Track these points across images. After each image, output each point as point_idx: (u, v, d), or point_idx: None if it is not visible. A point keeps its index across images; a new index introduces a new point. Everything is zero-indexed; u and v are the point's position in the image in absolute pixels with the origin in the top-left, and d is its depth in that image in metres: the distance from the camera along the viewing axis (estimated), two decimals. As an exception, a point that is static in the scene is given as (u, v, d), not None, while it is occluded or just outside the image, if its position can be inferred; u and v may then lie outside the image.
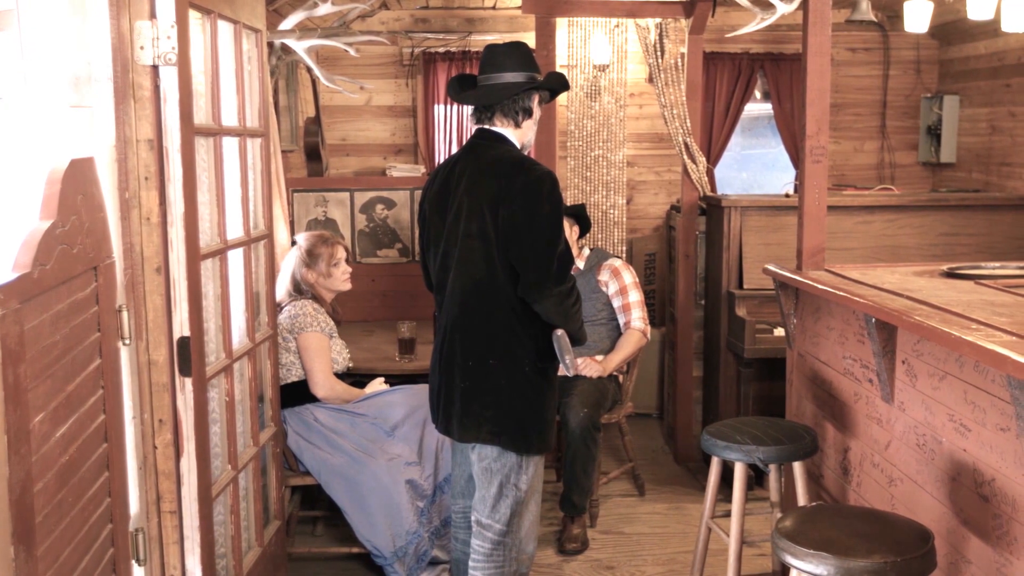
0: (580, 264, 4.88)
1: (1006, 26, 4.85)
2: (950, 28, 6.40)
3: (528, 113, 3.25)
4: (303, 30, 4.90)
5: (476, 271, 3.12)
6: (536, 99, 3.27)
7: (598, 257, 4.93)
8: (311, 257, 4.26)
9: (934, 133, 6.64)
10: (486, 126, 3.25)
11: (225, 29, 3.28)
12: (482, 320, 3.14)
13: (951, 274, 3.54)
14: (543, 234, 3.06)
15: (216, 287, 3.19)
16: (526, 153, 3.29)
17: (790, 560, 2.50)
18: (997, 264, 3.71)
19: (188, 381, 2.86)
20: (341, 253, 4.34)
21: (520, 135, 3.26)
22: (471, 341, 3.16)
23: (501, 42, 3.34)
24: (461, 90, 3.30)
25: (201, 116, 3.05)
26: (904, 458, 3.15)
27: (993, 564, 2.66)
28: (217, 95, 3.15)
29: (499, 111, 3.22)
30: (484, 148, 3.22)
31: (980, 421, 2.71)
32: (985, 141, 6.27)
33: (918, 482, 3.06)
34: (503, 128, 3.23)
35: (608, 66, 5.91)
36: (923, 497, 3.03)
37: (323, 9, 4.73)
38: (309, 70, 5.29)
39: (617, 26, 5.90)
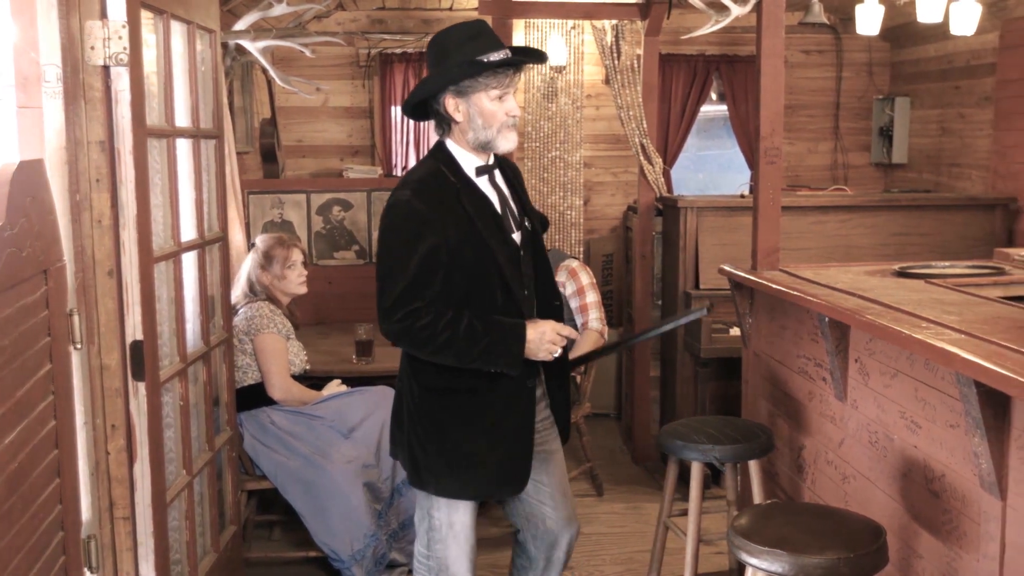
0: (538, 265, 4.88)
1: (955, 29, 4.93)
2: (901, 31, 6.50)
3: (445, 120, 2.84)
4: (258, 31, 4.86)
5: None
6: (446, 101, 2.80)
7: (555, 258, 4.94)
8: (266, 259, 4.24)
9: (886, 134, 6.74)
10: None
11: (178, 29, 3.24)
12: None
13: (902, 273, 3.60)
14: (378, 262, 2.84)
15: (170, 290, 3.16)
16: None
17: (746, 558, 2.52)
18: (947, 263, 3.77)
19: (141, 385, 2.83)
20: (297, 256, 4.31)
21: (460, 138, 2.85)
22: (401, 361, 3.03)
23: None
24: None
25: (154, 117, 3.01)
26: (857, 455, 3.20)
27: (943, 558, 2.70)
28: (170, 96, 3.12)
29: (434, 123, 2.91)
30: None
31: (930, 418, 2.75)
32: (935, 142, 6.37)
33: (871, 479, 3.10)
34: (445, 137, 2.90)
35: (565, 68, 5.92)
36: (876, 494, 3.07)
37: (278, 10, 4.70)
38: (264, 71, 5.25)
39: (574, 27, 5.92)
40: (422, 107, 2.89)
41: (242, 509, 4.10)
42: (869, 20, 5.33)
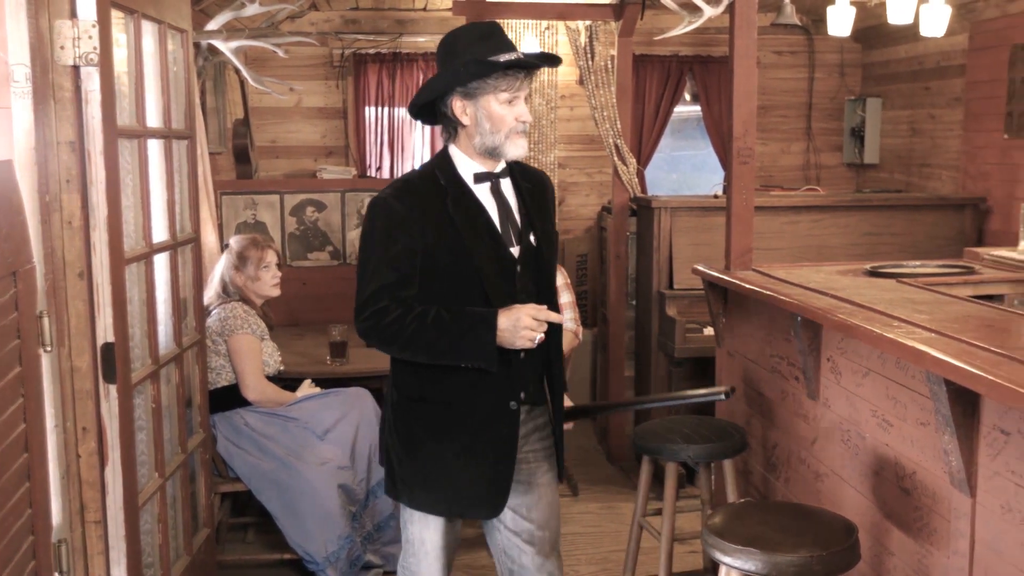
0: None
1: (924, 30, 4.97)
2: (872, 32, 6.55)
3: (452, 123, 2.71)
4: (230, 31, 4.83)
5: None
6: (453, 103, 2.66)
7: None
8: (240, 260, 4.21)
9: (858, 135, 6.79)
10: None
11: (149, 29, 3.22)
12: None
13: (874, 273, 3.63)
14: (357, 260, 2.76)
15: (141, 292, 3.13)
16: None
17: (719, 556, 2.53)
18: (918, 263, 3.81)
19: (113, 388, 2.80)
20: (271, 257, 4.28)
21: (465, 143, 2.71)
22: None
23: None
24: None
25: (125, 118, 2.99)
26: (829, 454, 3.22)
27: (915, 555, 2.73)
28: (141, 96, 3.10)
29: (440, 128, 2.78)
30: None
31: (901, 416, 2.78)
32: (906, 143, 6.43)
33: (843, 477, 3.13)
34: (450, 142, 2.77)
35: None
36: (848, 491, 3.10)
37: (251, 9, 4.67)
38: (237, 71, 5.22)
39: (548, 28, 5.93)
40: (429, 109, 2.76)
41: (215, 511, 4.07)
42: (841, 21, 5.37)
